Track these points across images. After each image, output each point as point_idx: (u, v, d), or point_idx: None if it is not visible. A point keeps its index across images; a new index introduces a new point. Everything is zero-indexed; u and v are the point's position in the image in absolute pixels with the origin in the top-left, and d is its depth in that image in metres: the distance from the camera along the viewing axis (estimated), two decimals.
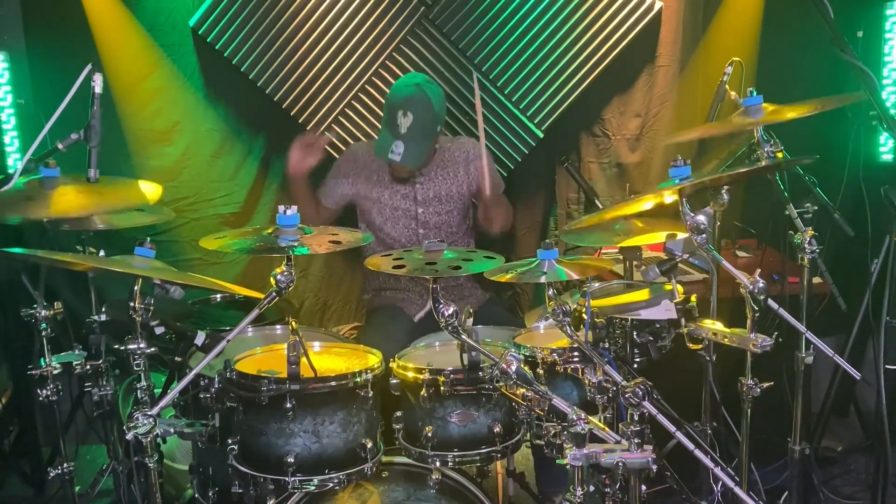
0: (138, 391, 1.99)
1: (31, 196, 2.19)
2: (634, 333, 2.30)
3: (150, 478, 2.02)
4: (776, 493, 2.86)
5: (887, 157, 3.51)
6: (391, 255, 2.22)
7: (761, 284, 1.97)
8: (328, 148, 3.67)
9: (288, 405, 2.01)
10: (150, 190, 2.60)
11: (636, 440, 1.80)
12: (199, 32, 3.52)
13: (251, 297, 2.39)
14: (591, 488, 1.86)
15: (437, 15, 3.63)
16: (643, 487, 1.95)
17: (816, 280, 2.86)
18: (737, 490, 1.89)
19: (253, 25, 3.53)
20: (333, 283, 3.91)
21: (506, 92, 3.69)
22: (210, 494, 2.39)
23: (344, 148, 3.65)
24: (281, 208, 2.04)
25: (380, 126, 3.65)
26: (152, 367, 2.07)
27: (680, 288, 2.18)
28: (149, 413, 1.84)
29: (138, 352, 1.97)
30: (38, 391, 2.42)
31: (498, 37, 3.64)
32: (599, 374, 2.09)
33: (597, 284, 2.36)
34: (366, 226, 3.24)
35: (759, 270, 1.99)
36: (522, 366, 1.89)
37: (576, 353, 2.23)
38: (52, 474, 2.52)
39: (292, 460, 2.02)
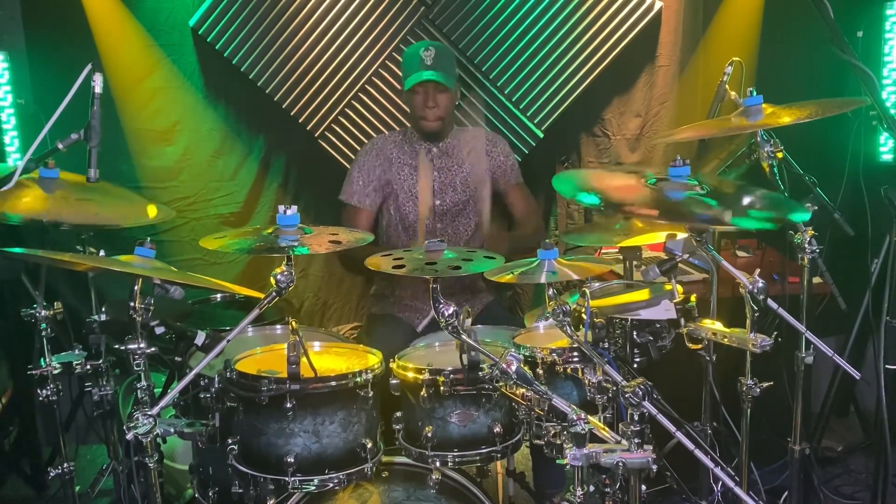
0: (138, 391, 1.99)
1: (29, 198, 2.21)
2: (634, 333, 2.30)
3: (150, 478, 2.02)
4: (776, 493, 2.86)
5: (887, 157, 3.52)
6: (391, 255, 2.21)
7: (761, 284, 1.97)
8: (331, 151, 3.68)
9: (288, 405, 2.01)
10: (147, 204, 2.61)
11: (636, 440, 1.79)
12: (199, 32, 3.53)
13: (251, 297, 2.39)
14: (591, 488, 1.86)
15: (437, 15, 3.63)
16: (643, 487, 1.95)
17: (816, 280, 2.86)
18: (737, 490, 1.89)
19: (253, 25, 3.53)
20: (333, 283, 3.91)
21: (506, 92, 3.69)
22: (210, 494, 2.39)
23: (345, 149, 3.65)
24: (281, 208, 2.04)
25: (380, 125, 3.67)
26: (152, 367, 2.06)
27: (680, 288, 2.18)
28: (149, 413, 1.83)
29: (138, 352, 1.97)
30: (38, 391, 2.42)
31: (498, 37, 3.64)
32: (599, 374, 2.08)
33: (597, 284, 2.36)
34: (386, 224, 3.21)
35: (758, 270, 1.99)
36: (522, 366, 1.88)
37: (576, 353, 2.23)
38: (52, 474, 2.52)
39: (292, 460, 2.02)
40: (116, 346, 2.12)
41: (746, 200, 2.12)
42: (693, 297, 2.19)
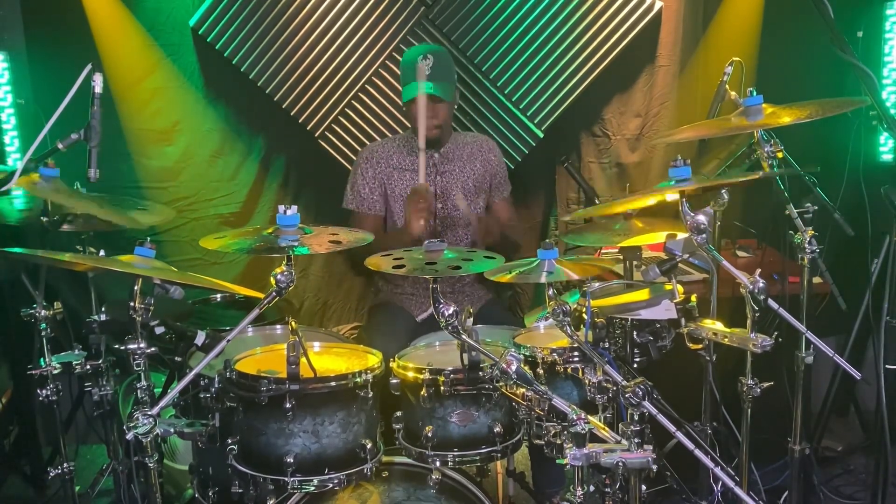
0: (138, 391, 1.99)
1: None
2: (634, 333, 2.30)
3: (150, 478, 2.02)
4: (776, 493, 2.86)
5: (887, 157, 3.52)
6: (391, 255, 2.21)
7: (761, 284, 1.97)
8: (333, 153, 3.68)
9: (287, 405, 2.01)
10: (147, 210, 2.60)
11: (636, 440, 1.79)
12: (199, 32, 3.52)
13: (251, 297, 2.39)
14: (591, 488, 1.86)
15: (437, 15, 3.63)
16: (643, 487, 1.95)
17: (816, 280, 2.86)
18: (737, 490, 1.88)
19: (253, 25, 3.53)
20: (333, 283, 3.91)
21: (506, 92, 3.69)
22: (210, 494, 2.39)
23: (345, 149, 3.65)
24: (281, 208, 2.03)
25: (380, 126, 3.67)
26: (152, 367, 2.06)
27: (680, 288, 2.18)
28: (149, 413, 1.84)
29: (138, 352, 1.97)
30: (38, 391, 2.42)
31: (498, 37, 3.64)
32: (599, 374, 2.08)
33: (597, 284, 2.36)
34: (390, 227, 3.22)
35: (759, 270, 1.99)
36: (522, 366, 1.88)
37: (576, 353, 2.23)
38: (52, 474, 2.52)
39: (292, 460, 2.02)
40: (116, 346, 2.12)
41: None
42: (693, 297, 2.19)
